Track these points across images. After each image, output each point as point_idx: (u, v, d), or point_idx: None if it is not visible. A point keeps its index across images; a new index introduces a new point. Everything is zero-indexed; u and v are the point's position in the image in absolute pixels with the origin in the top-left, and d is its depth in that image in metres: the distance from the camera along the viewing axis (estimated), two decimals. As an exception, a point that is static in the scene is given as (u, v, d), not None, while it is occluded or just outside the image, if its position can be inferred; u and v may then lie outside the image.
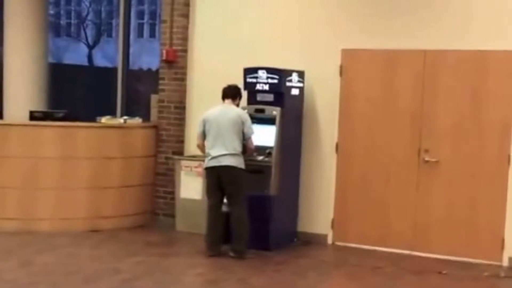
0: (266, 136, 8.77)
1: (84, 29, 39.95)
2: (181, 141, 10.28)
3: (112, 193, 9.86)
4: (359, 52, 9.23)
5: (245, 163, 8.49)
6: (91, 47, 37.93)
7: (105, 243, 9.10)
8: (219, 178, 8.42)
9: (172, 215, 10.05)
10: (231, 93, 8.59)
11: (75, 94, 17.27)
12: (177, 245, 9.36)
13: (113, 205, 9.89)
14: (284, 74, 9.01)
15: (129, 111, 11.35)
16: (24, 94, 10.96)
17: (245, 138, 8.46)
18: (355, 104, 9.29)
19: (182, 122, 10.29)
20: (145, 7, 40.33)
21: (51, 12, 29.32)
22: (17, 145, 9.52)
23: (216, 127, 8.43)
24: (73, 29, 41.49)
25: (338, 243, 9.40)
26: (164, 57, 10.25)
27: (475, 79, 8.69)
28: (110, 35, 38.41)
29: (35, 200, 9.54)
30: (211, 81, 9.91)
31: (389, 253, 8.98)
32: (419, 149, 8.97)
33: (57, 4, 39.28)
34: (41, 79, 11.17)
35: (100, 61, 33.80)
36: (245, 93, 9.01)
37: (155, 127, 10.38)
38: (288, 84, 9.07)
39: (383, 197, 9.15)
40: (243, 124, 8.42)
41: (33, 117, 10.06)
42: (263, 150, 8.81)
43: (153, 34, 38.81)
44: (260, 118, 8.83)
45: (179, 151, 10.21)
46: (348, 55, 9.27)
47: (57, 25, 38.93)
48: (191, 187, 9.73)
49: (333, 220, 9.42)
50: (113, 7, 36.42)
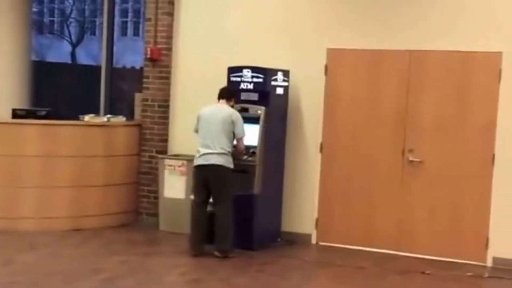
0: (250, 135, 8.74)
1: (67, 27, 39.86)
2: (165, 140, 10.24)
3: (95, 191, 9.79)
4: (344, 51, 9.22)
5: (230, 163, 8.48)
6: (74, 45, 37.83)
7: (88, 242, 9.04)
8: (206, 176, 8.40)
9: (155, 214, 10.01)
10: (226, 94, 8.63)
11: (58, 92, 17.21)
12: (160, 244, 9.31)
13: (96, 204, 9.82)
14: (269, 73, 8.99)
15: (113, 109, 11.28)
16: (6, 91, 10.90)
17: (235, 138, 8.46)
18: (340, 103, 9.28)
19: (166, 121, 10.24)
20: (129, 5, 40.28)
21: (34, 9, 29.21)
22: (-1, 143, 9.44)
23: (207, 125, 8.44)
24: (56, 27, 41.38)
25: (322, 243, 9.38)
26: (148, 55, 10.19)
27: (459, 80, 8.71)
28: (93, 33, 38.32)
29: (18, 198, 9.45)
30: (196, 79, 9.90)
31: (373, 253, 8.98)
32: (403, 149, 8.97)
33: (40, 1, 39.14)
34: (24, 77, 11.10)
35: (83, 59, 33.71)
36: (229, 92, 9.00)
37: (138, 125, 10.32)
38: (273, 83, 9.05)
39: (368, 197, 9.15)
40: (233, 124, 8.41)
41: (16, 115, 9.97)
42: (247, 149, 8.78)
43: (137, 32, 38.76)
44: (244, 117, 8.80)
45: (163, 150, 10.16)
46: (333, 55, 9.26)
47: (40, 23, 38.81)
48: (174, 186, 9.69)
49: (317, 219, 9.41)
50: (97, 5, 36.34)
